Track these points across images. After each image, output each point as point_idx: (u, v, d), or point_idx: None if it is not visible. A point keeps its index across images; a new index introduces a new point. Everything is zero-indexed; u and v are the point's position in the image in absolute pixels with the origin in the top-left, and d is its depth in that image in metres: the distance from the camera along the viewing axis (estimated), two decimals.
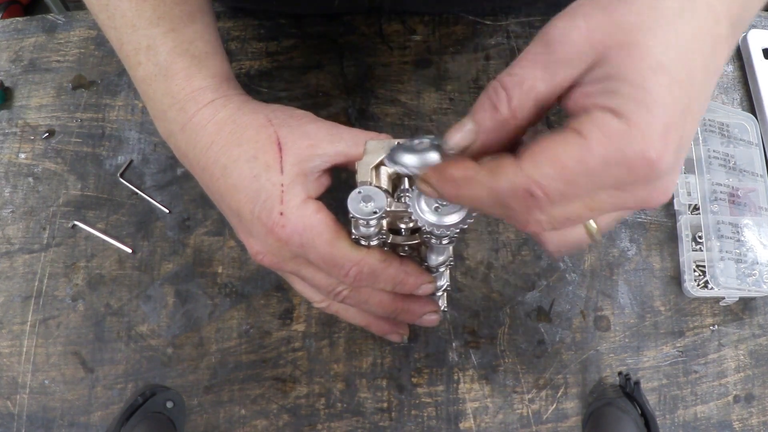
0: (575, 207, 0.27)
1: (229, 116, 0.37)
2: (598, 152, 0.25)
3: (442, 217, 0.32)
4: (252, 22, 0.59)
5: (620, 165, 0.25)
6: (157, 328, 0.51)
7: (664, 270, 0.53)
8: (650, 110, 0.25)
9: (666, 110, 0.25)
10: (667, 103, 0.25)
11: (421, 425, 0.49)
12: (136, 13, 0.38)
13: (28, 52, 0.59)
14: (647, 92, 0.25)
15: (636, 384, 0.48)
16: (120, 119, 0.57)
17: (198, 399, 0.49)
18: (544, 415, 0.49)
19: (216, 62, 0.40)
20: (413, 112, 0.57)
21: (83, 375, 0.50)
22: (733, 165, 0.54)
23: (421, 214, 0.32)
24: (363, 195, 0.34)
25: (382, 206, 0.34)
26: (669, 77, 0.25)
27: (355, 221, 0.35)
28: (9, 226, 0.54)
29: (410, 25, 0.60)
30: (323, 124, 0.39)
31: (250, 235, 0.37)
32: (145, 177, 0.55)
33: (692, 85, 0.26)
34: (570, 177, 0.25)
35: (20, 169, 0.55)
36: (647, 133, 0.25)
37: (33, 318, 0.51)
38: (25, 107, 0.57)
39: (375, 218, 0.34)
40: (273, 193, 0.36)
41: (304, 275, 0.39)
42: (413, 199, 0.33)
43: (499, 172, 0.26)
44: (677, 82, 0.26)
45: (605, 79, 0.26)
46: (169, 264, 0.53)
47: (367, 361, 0.50)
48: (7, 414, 0.49)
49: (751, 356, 0.51)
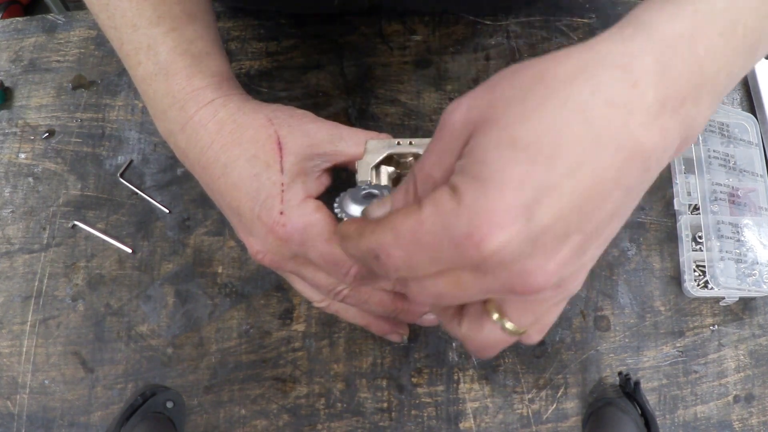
0: (441, 282, 0.26)
1: (230, 116, 0.37)
2: (427, 227, 0.24)
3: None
4: (252, 22, 0.59)
5: (450, 243, 0.24)
6: (157, 328, 0.51)
7: (664, 270, 0.53)
8: (485, 189, 0.23)
9: (509, 190, 0.23)
10: (513, 181, 0.23)
11: (421, 425, 0.49)
12: (136, 12, 0.38)
13: (28, 52, 0.59)
14: (487, 169, 0.23)
15: (636, 384, 0.48)
16: (120, 119, 0.57)
17: (198, 399, 0.49)
18: (544, 415, 0.49)
19: (216, 62, 0.40)
20: (413, 112, 0.57)
21: (83, 375, 0.50)
22: (733, 165, 0.54)
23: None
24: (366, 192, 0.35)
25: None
26: (523, 154, 0.23)
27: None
28: (9, 226, 0.54)
29: (410, 25, 0.60)
30: (323, 124, 0.39)
31: (250, 234, 0.37)
32: (145, 177, 0.55)
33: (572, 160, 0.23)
34: (406, 246, 0.25)
35: (20, 169, 0.55)
36: (475, 213, 0.23)
37: (33, 318, 0.51)
38: (25, 107, 0.57)
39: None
40: (273, 192, 0.36)
41: (304, 274, 0.39)
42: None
43: (362, 235, 0.27)
44: (541, 158, 0.23)
45: (463, 157, 0.25)
46: (169, 264, 0.53)
47: (367, 361, 0.50)
48: (7, 414, 0.49)
49: (751, 356, 0.51)
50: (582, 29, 0.60)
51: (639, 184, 0.25)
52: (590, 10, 0.61)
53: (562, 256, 0.25)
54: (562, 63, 0.25)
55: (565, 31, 0.60)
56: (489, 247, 0.23)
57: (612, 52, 0.25)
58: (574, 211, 0.24)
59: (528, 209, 0.23)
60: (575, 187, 0.23)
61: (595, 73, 0.24)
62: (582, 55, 0.25)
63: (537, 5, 0.61)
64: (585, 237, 0.25)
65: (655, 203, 0.55)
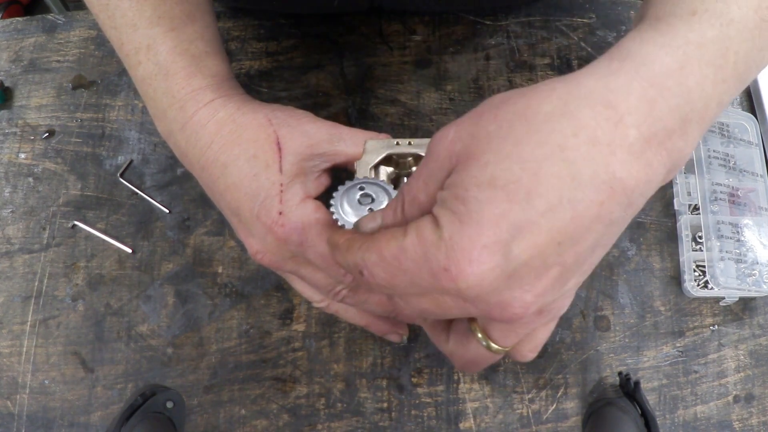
0: (424, 300, 0.27)
1: (229, 116, 0.38)
2: (409, 254, 0.25)
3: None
4: (252, 22, 0.59)
5: (429, 272, 0.25)
6: (157, 328, 0.51)
7: (664, 270, 0.53)
8: (462, 225, 0.24)
9: (485, 227, 0.23)
10: (491, 219, 0.23)
11: (421, 425, 0.49)
12: (136, 12, 0.38)
13: (28, 52, 0.59)
14: (466, 207, 0.24)
15: (636, 384, 0.48)
16: (120, 119, 0.57)
17: (198, 399, 0.49)
18: (544, 415, 0.49)
19: (216, 62, 0.40)
20: (413, 112, 0.57)
21: (83, 375, 0.50)
22: (733, 165, 0.54)
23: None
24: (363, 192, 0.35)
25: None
26: (501, 192, 0.24)
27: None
28: (9, 226, 0.54)
29: (410, 25, 0.60)
30: (323, 124, 0.39)
31: (250, 234, 0.37)
32: (145, 177, 0.55)
33: (549, 198, 0.23)
34: (388, 268, 0.26)
35: (20, 169, 0.56)
36: (452, 248, 0.24)
37: (33, 318, 0.51)
38: (25, 107, 0.57)
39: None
40: (272, 192, 0.36)
41: (303, 275, 0.39)
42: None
43: (350, 249, 0.28)
44: (518, 196, 0.23)
45: (445, 189, 0.26)
46: (169, 264, 0.53)
47: (367, 361, 0.50)
48: (7, 414, 0.49)
49: (751, 356, 0.51)
50: (582, 29, 0.60)
51: (621, 217, 0.25)
52: (590, 10, 0.61)
53: (542, 287, 0.25)
54: (545, 99, 0.25)
55: (565, 31, 0.60)
56: (465, 281, 0.24)
57: (597, 88, 0.25)
58: (552, 246, 0.24)
59: (504, 245, 0.24)
60: (553, 224, 0.24)
61: (578, 111, 0.24)
62: (566, 91, 0.25)
63: (537, 5, 0.61)
64: (565, 269, 0.25)
65: (655, 203, 0.55)
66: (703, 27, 0.27)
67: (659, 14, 0.29)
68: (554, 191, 0.24)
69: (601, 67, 0.26)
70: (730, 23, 0.28)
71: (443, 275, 0.24)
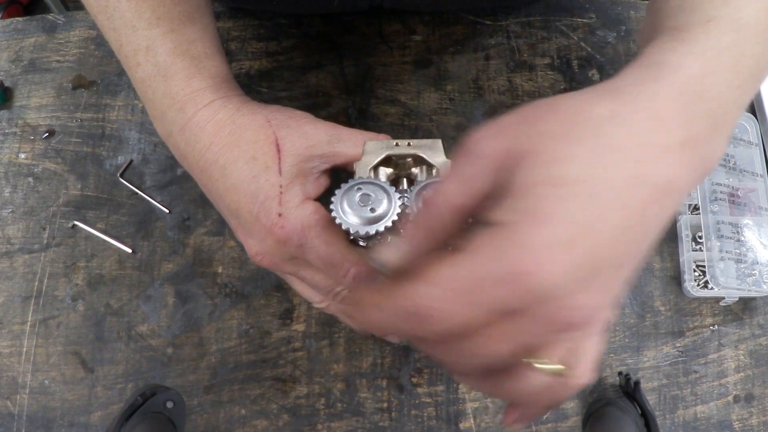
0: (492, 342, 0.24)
1: (228, 117, 0.37)
2: (473, 267, 0.23)
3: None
4: (252, 22, 0.59)
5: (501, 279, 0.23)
6: (157, 328, 0.51)
7: (664, 270, 0.53)
8: (534, 223, 0.23)
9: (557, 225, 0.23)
10: (561, 217, 0.23)
11: (421, 425, 0.49)
12: (135, 14, 0.38)
13: (28, 52, 0.59)
14: (534, 204, 0.23)
15: (636, 384, 0.48)
16: (120, 119, 0.57)
17: (198, 399, 0.49)
18: (544, 415, 0.49)
19: (215, 63, 0.40)
20: (413, 112, 0.57)
21: (83, 375, 0.50)
22: (733, 165, 0.54)
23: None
24: (363, 193, 0.34)
25: (386, 212, 0.34)
26: (570, 189, 0.24)
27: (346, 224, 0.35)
28: (9, 226, 0.54)
29: (410, 25, 0.60)
30: (322, 125, 0.39)
31: (249, 235, 0.37)
32: (145, 177, 0.55)
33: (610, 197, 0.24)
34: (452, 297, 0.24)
35: (20, 169, 0.56)
36: (526, 246, 0.23)
37: (33, 318, 0.51)
38: (25, 107, 0.57)
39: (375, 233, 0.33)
40: (271, 193, 0.36)
41: (303, 276, 0.39)
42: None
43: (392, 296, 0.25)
44: (583, 195, 0.23)
45: (501, 191, 0.25)
46: (169, 264, 0.53)
47: (367, 361, 0.50)
48: (7, 414, 0.49)
49: (751, 356, 0.51)
50: (582, 29, 0.60)
51: (666, 217, 0.26)
52: (590, 10, 0.60)
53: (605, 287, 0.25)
54: (596, 104, 0.26)
55: (565, 31, 0.60)
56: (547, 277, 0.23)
57: (639, 95, 0.26)
58: (613, 245, 0.24)
59: (575, 244, 0.23)
60: (616, 223, 0.24)
61: (628, 116, 0.26)
62: (611, 98, 0.26)
63: (537, 5, 0.61)
64: (621, 269, 0.25)
65: None
66: (719, 33, 0.29)
67: (678, 24, 0.30)
68: (616, 191, 0.24)
69: (637, 76, 0.28)
70: (742, 28, 0.29)
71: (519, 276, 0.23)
